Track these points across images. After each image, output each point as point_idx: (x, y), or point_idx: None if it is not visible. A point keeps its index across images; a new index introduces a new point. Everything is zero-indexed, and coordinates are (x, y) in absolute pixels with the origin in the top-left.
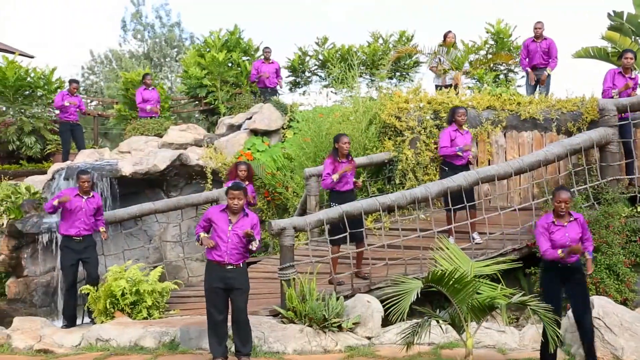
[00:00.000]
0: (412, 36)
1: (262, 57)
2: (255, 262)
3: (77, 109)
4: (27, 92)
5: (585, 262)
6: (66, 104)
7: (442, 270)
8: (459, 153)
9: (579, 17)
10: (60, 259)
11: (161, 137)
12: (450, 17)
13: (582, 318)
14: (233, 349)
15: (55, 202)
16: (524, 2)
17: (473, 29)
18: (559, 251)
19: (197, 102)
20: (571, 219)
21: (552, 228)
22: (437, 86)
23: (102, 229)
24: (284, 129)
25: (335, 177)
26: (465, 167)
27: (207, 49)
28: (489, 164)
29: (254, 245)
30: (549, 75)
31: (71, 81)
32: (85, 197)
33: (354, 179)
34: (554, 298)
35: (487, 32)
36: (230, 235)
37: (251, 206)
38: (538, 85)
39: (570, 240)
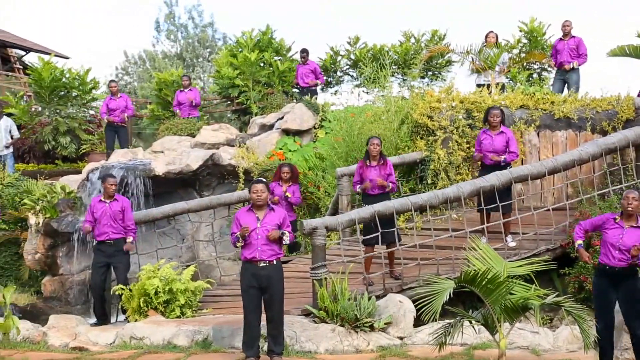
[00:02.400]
0: (445, 35)
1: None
2: (287, 262)
3: (124, 110)
4: (63, 93)
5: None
6: (106, 119)
7: (474, 270)
8: (474, 159)
9: (615, 15)
10: (93, 259)
11: (194, 137)
12: (483, 16)
13: (633, 324)
14: (265, 348)
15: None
16: (559, 1)
17: (507, 27)
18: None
19: (229, 102)
20: (635, 224)
21: (610, 224)
22: (478, 85)
23: (129, 239)
24: (315, 128)
25: (359, 189)
26: (499, 167)
27: (240, 49)
28: (522, 164)
29: (286, 240)
30: (574, 69)
31: (110, 82)
32: (109, 201)
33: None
34: (603, 303)
35: (521, 31)
36: (259, 232)
37: (296, 205)
38: (566, 85)
39: (622, 244)
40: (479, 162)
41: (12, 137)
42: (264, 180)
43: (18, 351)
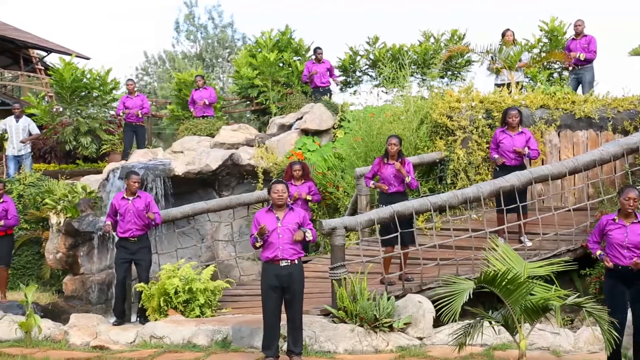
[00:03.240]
0: (464, 35)
1: (313, 57)
2: (306, 262)
3: (140, 109)
4: (83, 93)
5: None
6: (121, 114)
7: (494, 270)
8: (496, 162)
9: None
10: (115, 256)
11: (213, 137)
12: (503, 15)
13: None
14: (284, 348)
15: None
16: (580, 1)
17: (527, 27)
18: (634, 260)
19: (248, 102)
20: (635, 220)
21: (611, 226)
22: (497, 85)
23: (151, 215)
24: (334, 128)
25: (371, 185)
26: (518, 167)
27: (259, 49)
28: (543, 164)
29: (308, 236)
30: (585, 65)
31: (128, 81)
32: (132, 198)
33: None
34: (616, 304)
35: (541, 30)
36: (280, 231)
37: (315, 202)
38: (580, 85)
39: (629, 242)
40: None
41: (30, 135)
42: (284, 180)
43: (40, 350)
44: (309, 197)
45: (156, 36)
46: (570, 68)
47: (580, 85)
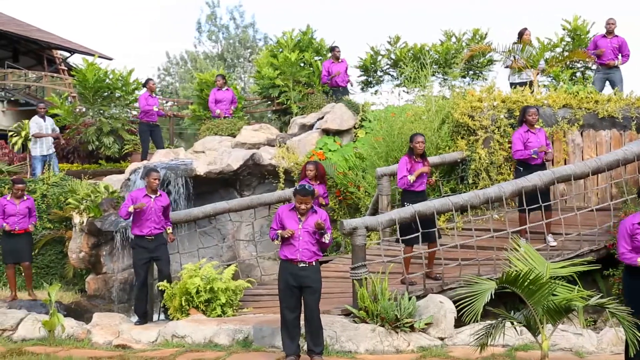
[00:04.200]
0: (486, 34)
1: (331, 57)
2: (327, 262)
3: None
4: (106, 94)
5: None
6: (155, 109)
7: (516, 271)
8: (534, 156)
9: None
10: (133, 257)
11: (234, 137)
12: (525, 14)
13: None
14: (305, 347)
15: (131, 209)
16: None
17: (549, 26)
18: None
19: (269, 102)
20: None
21: (638, 230)
22: (512, 84)
23: (169, 230)
24: (355, 128)
25: (411, 178)
26: (541, 166)
27: (280, 50)
28: (565, 164)
29: (326, 238)
30: (617, 67)
31: (148, 80)
32: (154, 197)
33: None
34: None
35: (564, 29)
36: (301, 233)
37: (323, 207)
38: (610, 83)
39: None
40: (518, 162)
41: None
42: (311, 189)
43: (63, 348)
44: (322, 202)
45: (178, 36)
46: (595, 67)
47: (610, 85)
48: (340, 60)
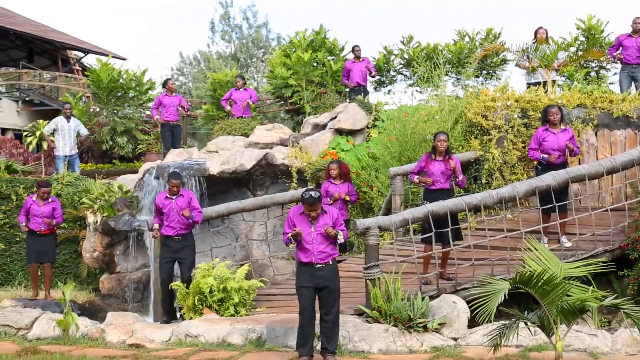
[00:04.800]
0: (499, 34)
1: (352, 56)
2: (340, 261)
3: (179, 108)
4: (120, 94)
5: None
6: (156, 118)
7: (530, 271)
8: (542, 161)
9: None
10: (159, 255)
11: (248, 136)
12: (539, 14)
13: None
14: (319, 347)
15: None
16: None
17: (563, 25)
18: None
19: (282, 102)
20: None
21: None
22: (528, 84)
23: (186, 212)
24: (368, 128)
25: (416, 180)
26: (561, 166)
27: (293, 49)
28: (579, 163)
29: (340, 239)
30: None
31: (167, 80)
32: (175, 197)
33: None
34: None
35: (578, 29)
36: (314, 236)
37: (352, 203)
38: (633, 82)
39: None
40: (537, 162)
41: (79, 136)
42: (317, 196)
43: (77, 347)
44: (347, 197)
45: (191, 36)
46: (620, 64)
47: (634, 83)
48: (361, 59)
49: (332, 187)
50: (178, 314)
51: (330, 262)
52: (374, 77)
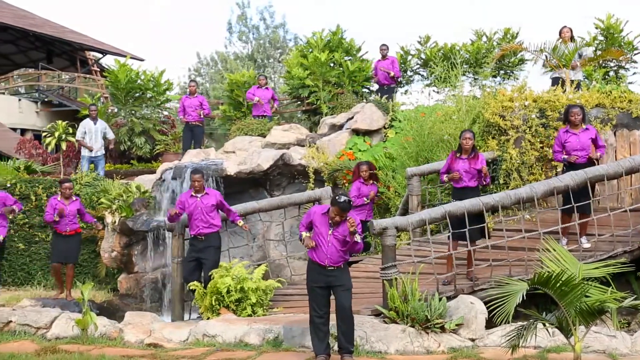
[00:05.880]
0: (517, 33)
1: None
2: (357, 262)
3: (199, 109)
4: (138, 94)
5: None
6: (183, 118)
7: (548, 272)
8: (564, 162)
9: None
10: (186, 253)
11: (265, 137)
12: (558, 13)
13: None
14: (336, 347)
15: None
16: None
17: (582, 24)
18: None
19: (299, 103)
20: None
21: None
22: (553, 79)
23: (240, 222)
24: (385, 128)
25: (445, 178)
26: (587, 165)
27: (310, 50)
28: (598, 164)
29: (358, 238)
30: None
31: (190, 82)
32: (200, 196)
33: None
34: None
35: (597, 28)
36: (330, 239)
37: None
38: None
39: None
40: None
41: (105, 139)
42: (350, 206)
43: (96, 347)
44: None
45: (209, 37)
46: None
47: None
48: (386, 58)
49: (364, 187)
50: (186, 315)
51: (342, 265)
52: (394, 78)
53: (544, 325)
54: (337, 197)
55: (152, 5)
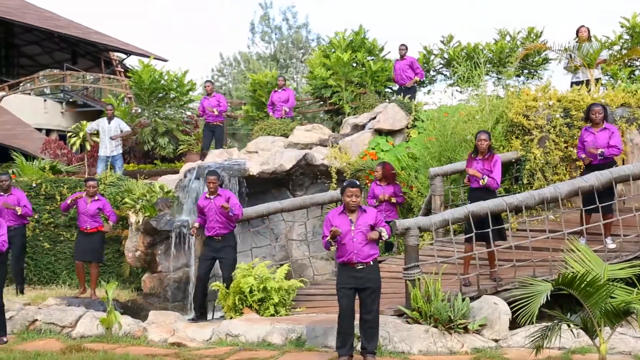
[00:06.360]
0: (541, 32)
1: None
2: (380, 262)
3: (216, 108)
4: (161, 95)
5: None
6: (213, 110)
7: (573, 272)
8: (583, 161)
9: None
10: (201, 253)
11: (287, 137)
12: (582, 12)
13: None
14: (359, 347)
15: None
16: None
17: (607, 23)
18: None
19: (322, 103)
20: None
21: None
22: (572, 83)
23: (226, 205)
24: (408, 128)
25: (466, 179)
26: (607, 166)
27: (332, 50)
28: (623, 163)
29: (384, 235)
30: None
31: (206, 82)
32: (213, 197)
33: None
34: None
35: (622, 27)
36: (354, 234)
37: (399, 204)
38: None
39: None
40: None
41: (121, 132)
42: (358, 183)
43: (120, 345)
44: (393, 199)
45: (232, 38)
46: None
47: None
48: (403, 58)
49: (378, 189)
50: (210, 315)
51: (372, 263)
52: (415, 77)
53: (569, 326)
54: (344, 183)
55: (176, 6)
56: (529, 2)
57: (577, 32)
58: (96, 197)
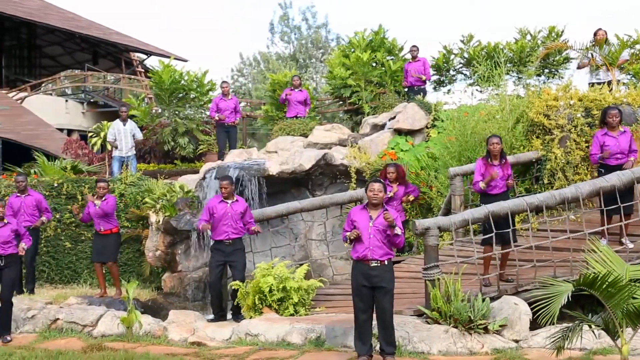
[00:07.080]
0: (562, 32)
1: (410, 56)
2: (399, 262)
3: (232, 112)
4: (181, 95)
5: None
6: (216, 117)
7: (594, 273)
8: (600, 161)
9: None
10: (210, 259)
11: (306, 137)
12: (604, 11)
13: None
14: (378, 347)
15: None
16: None
17: (630, 22)
18: None
19: (341, 102)
20: None
21: None
22: (590, 83)
23: (254, 228)
24: (428, 128)
25: (482, 185)
26: (621, 168)
27: (352, 50)
28: None
29: (397, 231)
30: None
31: (222, 83)
32: (230, 202)
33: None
34: None
35: None
36: (372, 231)
37: (415, 198)
38: None
39: None
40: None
41: (134, 138)
42: (381, 180)
43: (140, 344)
44: (411, 198)
45: (251, 38)
46: None
47: None
48: (416, 59)
49: (388, 188)
50: (229, 315)
51: (386, 262)
52: (424, 81)
53: (590, 326)
54: (369, 181)
55: (196, 6)
56: (550, 1)
57: (595, 34)
58: (104, 199)
